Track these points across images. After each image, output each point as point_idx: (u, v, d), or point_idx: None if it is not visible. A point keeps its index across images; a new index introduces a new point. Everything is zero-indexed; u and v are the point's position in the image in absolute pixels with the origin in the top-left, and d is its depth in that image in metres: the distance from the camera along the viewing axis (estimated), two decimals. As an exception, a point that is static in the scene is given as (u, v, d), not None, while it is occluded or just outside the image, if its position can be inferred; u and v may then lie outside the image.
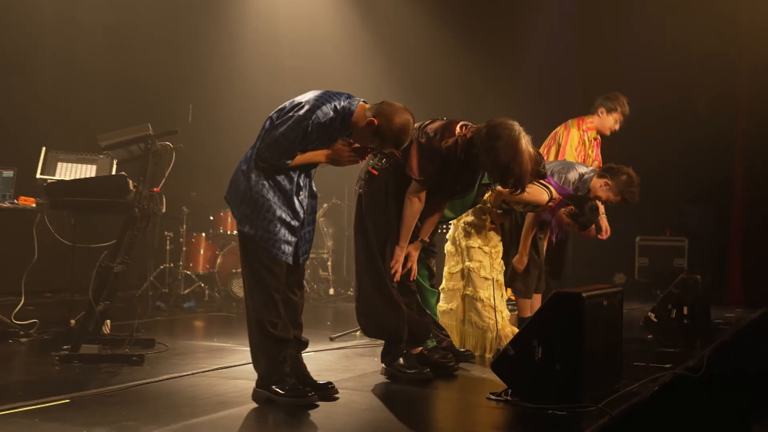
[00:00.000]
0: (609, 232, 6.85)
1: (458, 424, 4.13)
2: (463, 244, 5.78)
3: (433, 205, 4.98)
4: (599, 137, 7.17)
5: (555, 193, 5.87)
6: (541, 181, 5.80)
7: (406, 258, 4.88)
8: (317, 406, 4.01)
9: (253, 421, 3.84)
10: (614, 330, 4.53)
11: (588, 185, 6.03)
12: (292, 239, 4.12)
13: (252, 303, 4.12)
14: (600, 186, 6.04)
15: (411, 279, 4.96)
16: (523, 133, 4.63)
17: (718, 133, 10.94)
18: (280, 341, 4.08)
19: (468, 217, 5.80)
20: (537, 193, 5.74)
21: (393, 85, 10.53)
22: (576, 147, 6.95)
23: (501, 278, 5.87)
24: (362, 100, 4.17)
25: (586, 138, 7.03)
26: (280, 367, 4.09)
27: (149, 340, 5.82)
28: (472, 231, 5.78)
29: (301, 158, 4.07)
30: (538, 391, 4.08)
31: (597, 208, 6.10)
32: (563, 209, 6.04)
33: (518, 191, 4.76)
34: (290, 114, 4.02)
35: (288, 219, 4.08)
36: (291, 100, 4.13)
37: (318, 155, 4.10)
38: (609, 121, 7.09)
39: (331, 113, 4.03)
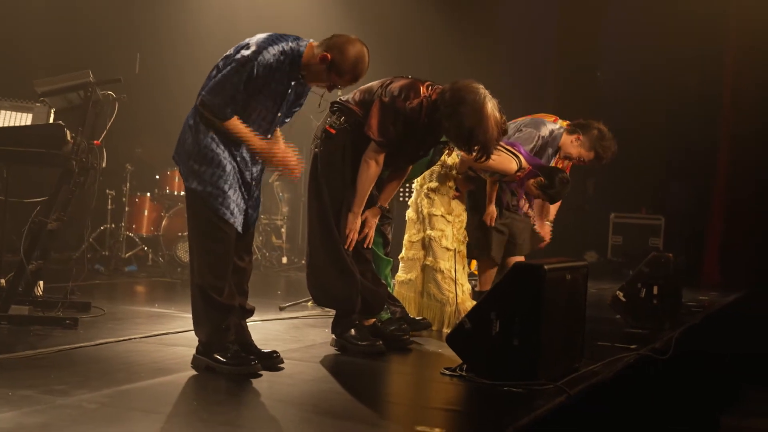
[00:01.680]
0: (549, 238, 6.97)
1: (408, 399, 4.19)
2: (425, 211, 5.83)
3: (394, 170, 5.02)
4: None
5: (524, 163, 5.94)
6: (511, 148, 5.88)
7: (363, 225, 4.92)
8: (260, 375, 4.06)
9: (191, 388, 3.88)
10: (577, 306, 4.61)
11: (558, 141, 6.13)
12: (242, 204, 4.15)
13: (197, 266, 4.14)
14: (571, 141, 6.14)
15: (367, 246, 5.00)
16: (488, 97, 4.66)
17: (703, 105, 11.07)
18: (224, 308, 4.12)
19: (432, 183, 5.85)
20: (505, 161, 5.81)
21: (361, 32, 10.47)
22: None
23: (463, 249, 5.94)
24: (311, 40, 4.18)
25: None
26: (222, 334, 4.12)
27: (85, 304, 5.83)
28: (436, 198, 5.83)
29: (238, 127, 4.05)
30: (495, 366, 4.14)
31: (568, 181, 6.18)
32: (532, 180, 6.11)
33: (483, 158, 4.81)
34: (235, 57, 4.03)
35: (238, 175, 4.10)
36: (237, 44, 4.13)
37: (254, 139, 4.09)
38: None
39: (280, 55, 4.03)
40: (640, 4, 11.10)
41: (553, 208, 6.87)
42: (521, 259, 6.55)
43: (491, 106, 4.65)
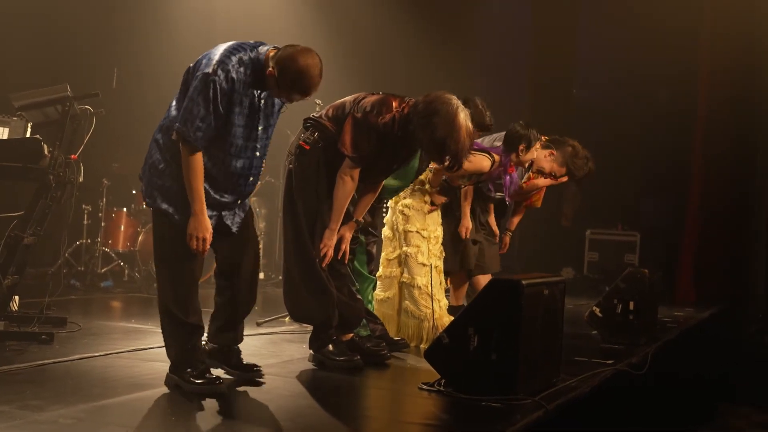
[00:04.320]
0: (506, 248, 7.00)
1: (386, 414, 4.18)
2: (401, 228, 5.84)
3: (368, 183, 5.03)
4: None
5: (496, 157, 6.01)
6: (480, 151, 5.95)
7: (340, 241, 4.92)
8: (224, 394, 4.00)
9: (167, 403, 3.85)
10: (555, 321, 4.61)
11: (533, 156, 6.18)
12: (212, 212, 4.12)
13: (162, 287, 4.13)
14: (544, 156, 6.18)
15: (344, 262, 5.00)
16: (461, 107, 4.68)
17: (677, 123, 11.14)
18: (190, 329, 4.11)
19: (406, 200, 5.87)
20: (478, 161, 5.86)
21: (338, 46, 10.52)
22: None
23: (440, 264, 5.94)
24: (271, 46, 4.10)
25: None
26: (189, 354, 4.10)
27: (61, 319, 5.79)
28: (411, 214, 5.84)
29: (193, 176, 3.96)
30: (473, 381, 4.14)
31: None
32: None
33: (455, 168, 4.85)
34: (196, 74, 3.97)
35: (210, 193, 4.09)
36: (198, 58, 4.07)
37: (197, 202, 3.98)
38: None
39: (239, 66, 3.97)
40: (614, 19, 11.17)
41: (516, 219, 6.86)
42: (488, 278, 6.56)
43: (463, 116, 4.67)
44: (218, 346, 4.38)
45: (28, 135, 5.48)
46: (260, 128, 4.17)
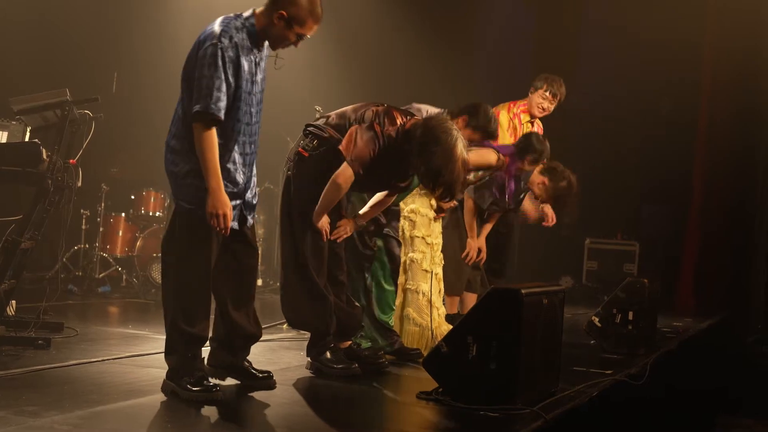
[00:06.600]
0: (555, 219, 6.94)
1: (384, 423, 4.16)
2: (408, 234, 5.81)
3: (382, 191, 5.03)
4: (537, 120, 7.24)
5: (504, 158, 6.04)
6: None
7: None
8: (221, 402, 3.98)
9: (164, 410, 3.83)
10: (554, 331, 4.61)
11: (529, 176, 6.17)
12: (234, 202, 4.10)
13: (173, 293, 4.11)
14: (538, 183, 6.17)
15: (342, 270, 5.00)
16: (459, 138, 4.65)
17: (678, 131, 11.14)
18: (195, 339, 4.09)
19: (412, 205, 5.83)
20: (484, 153, 5.87)
21: (337, 52, 10.52)
22: (507, 130, 7.01)
23: (440, 272, 5.92)
24: (252, 9, 4.13)
25: (517, 122, 7.11)
26: (189, 362, 4.08)
27: (58, 324, 5.77)
28: (417, 220, 5.81)
29: (209, 150, 3.94)
30: (471, 390, 4.14)
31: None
32: (527, 165, 6.16)
33: (447, 199, 4.94)
34: (199, 54, 3.97)
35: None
36: (194, 42, 4.07)
37: (213, 177, 3.95)
38: (535, 98, 7.13)
39: (236, 31, 3.99)
40: (617, 29, 11.16)
41: (484, 229, 6.80)
42: (474, 296, 6.54)
43: (461, 147, 4.63)
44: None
45: (26, 139, 5.47)
46: (256, 92, 4.17)
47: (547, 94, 7.09)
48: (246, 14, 4.10)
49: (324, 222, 4.78)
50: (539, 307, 4.34)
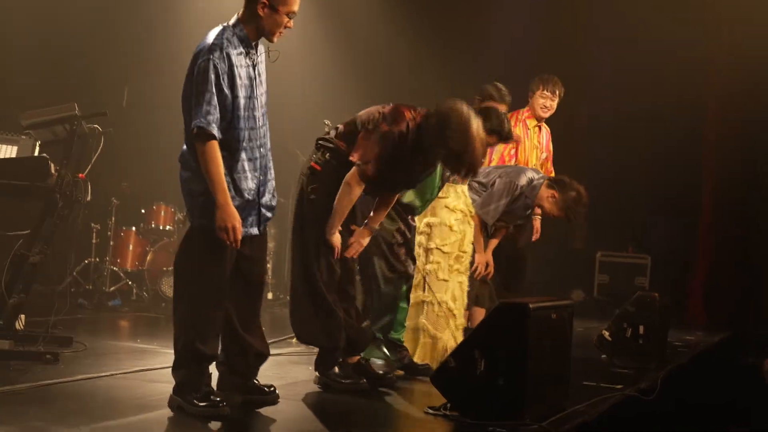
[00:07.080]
0: (539, 233, 6.96)
1: (392, 439, 4.16)
2: (424, 246, 5.76)
3: (383, 197, 5.00)
4: (544, 124, 7.27)
5: None
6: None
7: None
8: (228, 417, 3.97)
9: (172, 425, 3.84)
10: (563, 345, 4.58)
11: (536, 192, 6.13)
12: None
13: (185, 309, 4.10)
14: (546, 197, 6.14)
15: (353, 284, 5.00)
16: (473, 116, 4.69)
17: (687, 145, 11.10)
18: (205, 356, 4.08)
19: (428, 218, 5.78)
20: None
21: (345, 66, 10.52)
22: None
23: (465, 281, 5.87)
24: (235, 14, 4.14)
25: (523, 128, 7.11)
26: (197, 379, 4.07)
27: (66, 338, 5.76)
28: (433, 231, 5.76)
29: (212, 165, 3.95)
30: (479, 406, 4.11)
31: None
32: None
33: (470, 176, 5.03)
34: (193, 69, 4.00)
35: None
36: (191, 60, 4.08)
37: (220, 192, 3.95)
38: (535, 101, 7.17)
39: (224, 39, 4.01)
40: (626, 41, 11.13)
41: (491, 244, 6.75)
42: (482, 311, 6.49)
43: (476, 126, 4.68)
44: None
45: (36, 153, 5.49)
46: (258, 95, 4.17)
47: (546, 92, 7.13)
48: (231, 21, 4.12)
49: (336, 240, 4.77)
50: (548, 322, 4.32)
